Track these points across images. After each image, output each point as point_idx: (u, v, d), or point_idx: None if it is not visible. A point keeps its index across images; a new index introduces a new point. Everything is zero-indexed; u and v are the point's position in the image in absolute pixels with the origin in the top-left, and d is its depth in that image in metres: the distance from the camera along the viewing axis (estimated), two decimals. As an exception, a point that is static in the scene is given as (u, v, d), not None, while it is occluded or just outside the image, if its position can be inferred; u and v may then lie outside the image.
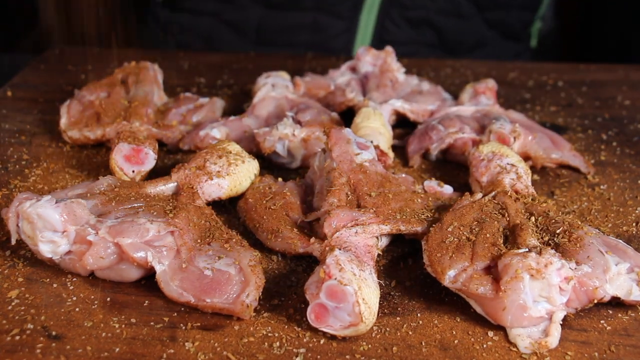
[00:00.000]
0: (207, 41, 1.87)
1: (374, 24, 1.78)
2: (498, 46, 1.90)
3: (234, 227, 0.97)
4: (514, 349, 0.75)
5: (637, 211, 1.02)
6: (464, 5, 1.80)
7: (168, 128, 1.18)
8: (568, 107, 1.41)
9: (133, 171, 1.03)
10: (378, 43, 1.79)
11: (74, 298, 0.81)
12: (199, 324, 0.78)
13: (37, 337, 0.75)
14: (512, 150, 1.01)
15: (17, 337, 0.75)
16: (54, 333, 0.76)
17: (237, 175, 0.99)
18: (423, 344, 0.76)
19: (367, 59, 1.38)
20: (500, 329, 0.77)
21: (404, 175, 1.00)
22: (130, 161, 1.04)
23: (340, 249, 0.80)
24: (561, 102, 1.44)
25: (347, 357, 0.74)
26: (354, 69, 1.40)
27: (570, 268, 0.76)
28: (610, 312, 0.81)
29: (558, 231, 0.84)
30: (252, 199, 0.97)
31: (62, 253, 0.83)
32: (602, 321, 0.80)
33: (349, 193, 0.92)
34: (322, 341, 0.76)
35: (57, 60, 1.62)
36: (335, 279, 0.74)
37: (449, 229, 0.84)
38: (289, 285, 0.86)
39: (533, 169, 1.12)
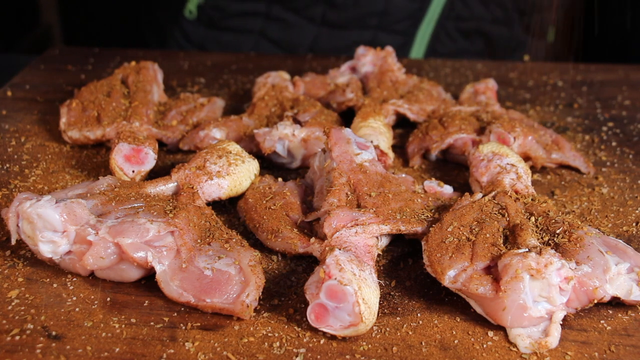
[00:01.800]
0: None
1: (430, 37, 1.81)
2: (526, 46, 1.93)
3: (234, 227, 0.97)
4: (514, 349, 0.75)
5: (637, 211, 1.02)
6: (511, 13, 1.84)
7: (168, 128, 1.18)
8: (568, 107, 1.41)
9: (133, 171, 1.04)
10: (431, 54, 1.83)
11: (74, 298, 0.81)
12: (199, 324, 0.78)
13: (37, 337, 0.75)
14: (512, 150, 1.01)
15: (17, 337, 0.75)
16: (54, 333, 0.76)
17: (237, 175, 0.99)
18: (423, 344, 0.76)
19: (367, 58, 1.38)
20: (500, 329, 0.77)
21: (404, 175, 1.00)
22: (130, 161, 1.04)
23: (340, 249, 0.80)
24: (561, 102, 1.44)
25: (347, 357, 0.74)
26: (354, 69, 1.40)
27: (570, 268, 0.76)
28: (610, 312, 0.81)
29: (558, 231, 0.84)
30: (252, 199, 0.97)
31: (62, 253, 0.83)
32: (602, 321, 0.80)
33: (349, 193, 0.92)
34: (322, 341, 0.76)
35: (57, 60, 1.62)
36: (335, 279, 0.74)
37: (449, 229, 0.84)
38: (289, 286, 0.86)
39: (533, 169, 1.12)
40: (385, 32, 1.79)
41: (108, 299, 0.82)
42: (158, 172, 1.07)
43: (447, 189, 0.99)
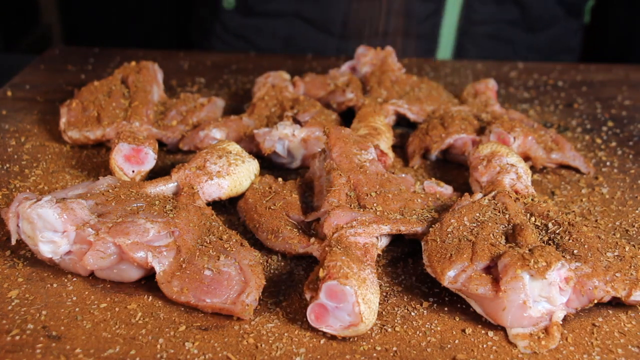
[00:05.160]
0: (286, 41, 1.87)
1: (461, 3, 1.80)
2: (563, 23, 1.93)
3: (234, 227, 0.97)
4: (514, 349, 0.75)
5: (637, 211, 1.02)
6: None
7: (168, 128, 1.18)
8: (568, 107, 1.41)
9: (133, 171, 1.04)
10: (465, 23, 1.82)
11: (74, 298, 0.81)
12: (199, 324, 0.78)
13: (37, 337, 0.75)
14: (512, 150, 1.01)
15: (17, 337, 0.75)
16: (54, 333, 0.76)
17: (237, 175, 0.99)
18: (423, 344, 0.76)
19: (367, 58, 1.38)
20: (500, 329, 0.77)
21: (404, 175, 1.00)
22: (130, 161, 1.04)
23: (340, 249, 0.80)
24: (561, 102, 1.44)
25: (347, 357, 0.74)
26: (354, 69, 1.40)
27: (570, 268, 0.76)
28: (610, 312, 0.81)
29: (558, 231, 0.84)
30: (252, 199, 0.97)
31: (62, 253, 0.83)
32: (602, 321, 0.80)
33: (349, 193, 0.92)
34: (322, 341, 0.76)
35: (57, 60, 1.62)
36: (335, 279, 0.74)
37: (449, 229, 0.84)
38: (289, 285, 0.86)
39: (533, 169, 1.12)
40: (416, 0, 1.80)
41: (108, 298, 0.82)
42: (158, 172, 1.07)
43: (447, 189, 0.99)
